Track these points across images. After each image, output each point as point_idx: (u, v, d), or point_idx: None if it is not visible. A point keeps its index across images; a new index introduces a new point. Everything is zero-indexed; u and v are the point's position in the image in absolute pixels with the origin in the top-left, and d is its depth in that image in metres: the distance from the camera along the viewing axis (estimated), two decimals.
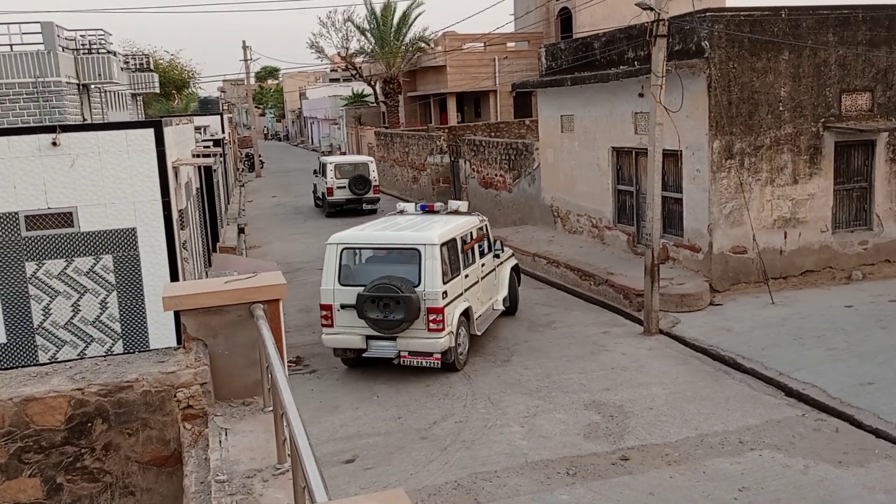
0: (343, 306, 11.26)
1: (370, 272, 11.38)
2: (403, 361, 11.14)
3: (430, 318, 10.86)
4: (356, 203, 28.08)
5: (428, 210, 13.83)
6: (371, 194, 28.24)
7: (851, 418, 9.04)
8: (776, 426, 9.07)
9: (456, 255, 11.68)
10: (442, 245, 11.21)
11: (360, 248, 11.86)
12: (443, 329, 10.91)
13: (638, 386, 10.49)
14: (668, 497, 7.65)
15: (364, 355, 11.43)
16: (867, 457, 8.25)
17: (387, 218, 13.56)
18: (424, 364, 11.11)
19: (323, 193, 28.79)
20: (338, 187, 27.95)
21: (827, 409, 9.37)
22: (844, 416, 9.12)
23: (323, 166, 29.07)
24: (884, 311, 12.65)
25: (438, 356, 11.00)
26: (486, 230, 13.42)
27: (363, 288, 10.96)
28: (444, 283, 11.03)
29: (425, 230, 11.76)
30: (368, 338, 11.23)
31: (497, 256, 13.62)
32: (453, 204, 13.99)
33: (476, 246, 12.61)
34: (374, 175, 28.47)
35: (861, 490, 7.60)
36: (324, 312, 11.46)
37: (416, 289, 10.84)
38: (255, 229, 26.22)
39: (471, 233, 12.51)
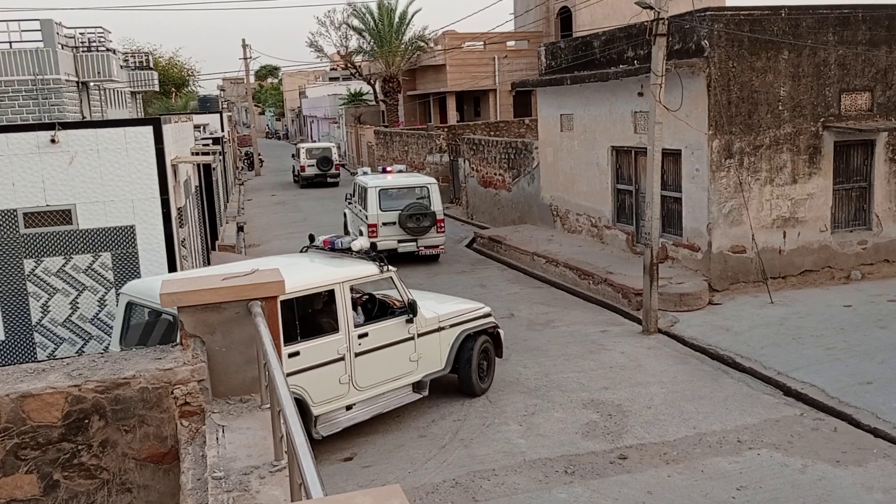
0: (384, 223, 18.20)
1: (398, 203, 18.36)
2: (421, 252, 18.33)
3: (438, 226, 18.49)
4: (322, 177, 37.24)
5: (386, 171, 20.58)
6: (333, 171, 37.53)
7: (850, 418, 9.04)
8: (774, 425, 9.07)
9: None
10: (435, 184, 19.17)
11: (390, 189, 18.58)
12: (444, 232, 18.89)
13: (636, 385, 10.49)
14: (667, 496, 7.65)
15: (398, 251, 17.97)
16: (865, 456, 8.26)
17: (365, 176, 20.13)
18: (434, 252, 18.53)
19: (298, 171, 38.43)
20: (308, 166, 37.34)
21: (825, 408, 9.37)
22: (843, 416, 9.12)
23: (298, 150, 39.22)
24: (882, 311, 12.65)
25: (442, 247, 18.67)
26: None
27: (401, 210, 18.16)
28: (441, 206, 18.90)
29: (425, 177, 20.47)
30: (399, 241, 18.21)
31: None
32: (398, 167, 20.88)
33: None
34: (335, 157, 38.14)
35: (859, 489, 7.60)
36: (371, 229, 18.11)
37: (432, 208, 18.40)
38: (254, 227, 26.22)
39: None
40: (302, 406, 8.46)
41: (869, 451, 8.36)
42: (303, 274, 8.97)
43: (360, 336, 9.16)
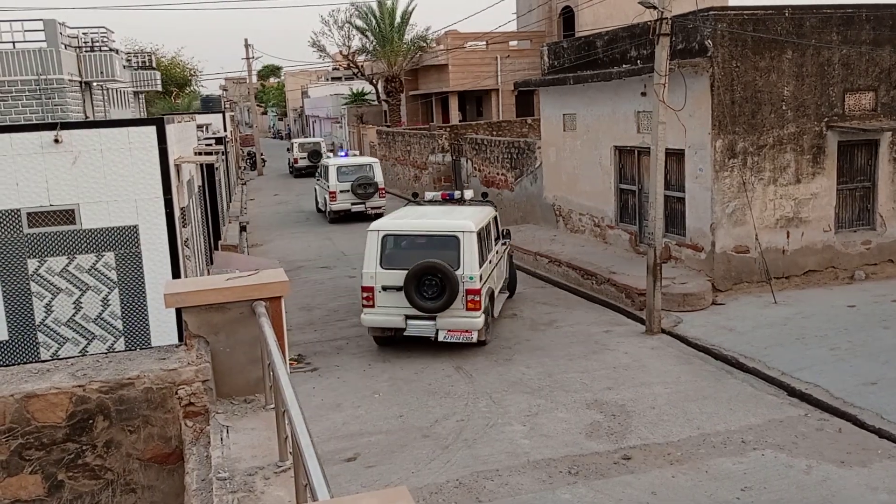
0: (341, 191, 25.85)
1: (351, 176, 25.90)
2: (369, 212, 25.33)
3: (380, 192, 26.22)
4: (312, 168, 41.20)
5: (346, 154, 29.37)
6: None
7: (854, 418, 9.02)
8: (779, 426, 9.05)
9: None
10: (378, 162, 27.23)
11: (345, 166, 26.50)
12: (385, 197, 26.57)
13: (640, 385, 10.48)
14: (671, 496, 7.63)
15: (352, 211, 26.10)
16: (870, 457, 8.23)
17: (328, 159, 28.15)
18: (378, 212, 24.31)
19: (292, 163, 45.71)
20: (300, 158, 43.96)
21: (829, 408, 9.35)
22: (847, 416, 9.10)
23: (292, 145, 47.20)
24: (886, 311, 12.62)
25: (383, 208, 24.98)
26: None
27: (353, 181, 25.79)
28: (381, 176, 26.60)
29: (371, 157, 29.07)
30: (352, 203, 26.00)
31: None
32: (353, 152, 28.86)
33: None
34: (324, 151, 43.21)
35: (864, 490, 7.58)
36: (332, 196, 26.00)
37: (375, 179, 26.14)
38: (256, 227, 26.21)
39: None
40: (491, 295, 12.80)
41: (874, 452, 8.33)
42: (478, 214, 13.10)
43: (496, 251, 13.58)
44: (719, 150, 13.72)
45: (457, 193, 14.56)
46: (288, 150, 49.48)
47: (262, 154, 51.43)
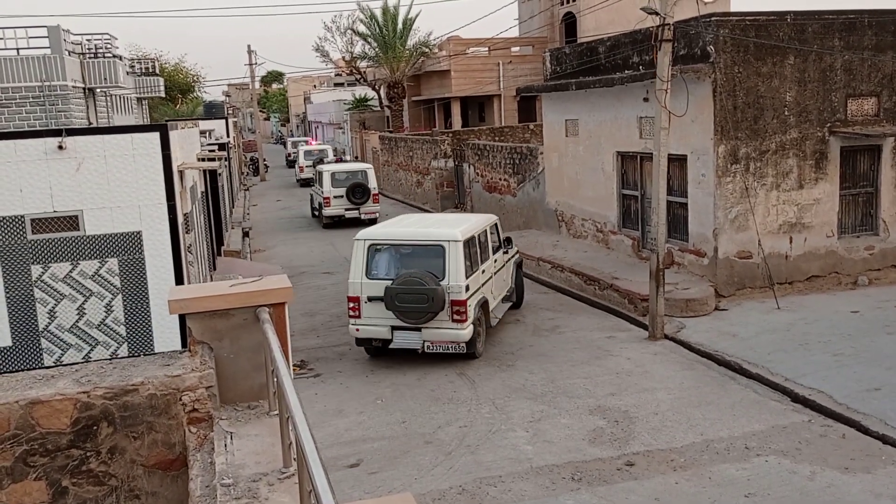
0: (306, 166, 40.38)
1: (313, 157, 41.41)
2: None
3: (294, 163, 43.13)
4: None
5: (309, 143, 47.37)
6: None
7: (858, 424, 9.00)
8: (782, 432, 9.04)
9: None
10: (330, 148, 44.45)
11: (311, 151, 43.07)
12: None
13: (643, 391, 10.46)
14: (674, 503, 7.62)
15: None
16: (874, 463, 8.22)
17: (303, 146, 43.61)
18: None
19: (287, 157, 57.18)
20: (293, 153, 52.17)
21: (833, 414, 9.33)
22: (851, 422, 9.08)
23: (286, 144, 62.26)
24: (890, 317, 12.60)
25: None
26: None
27: (314, 159, 40.28)
28: (333, 163, 32.97)
29: (326, 145, 45.69)
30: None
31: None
32: (316, 142, 50.05)
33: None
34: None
35: (868, 496, 7.56)
36: (300, 169, 41.97)
37: (324, 161, 36.99)
38: (259, 233, 26.24)
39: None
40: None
41: (877, 458, 8.32)
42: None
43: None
44: (722, 156, 13.73)
45: (343, 158, 27.30)
46: (284, 147, 66.61)
47: (264, 159, 51.53)
